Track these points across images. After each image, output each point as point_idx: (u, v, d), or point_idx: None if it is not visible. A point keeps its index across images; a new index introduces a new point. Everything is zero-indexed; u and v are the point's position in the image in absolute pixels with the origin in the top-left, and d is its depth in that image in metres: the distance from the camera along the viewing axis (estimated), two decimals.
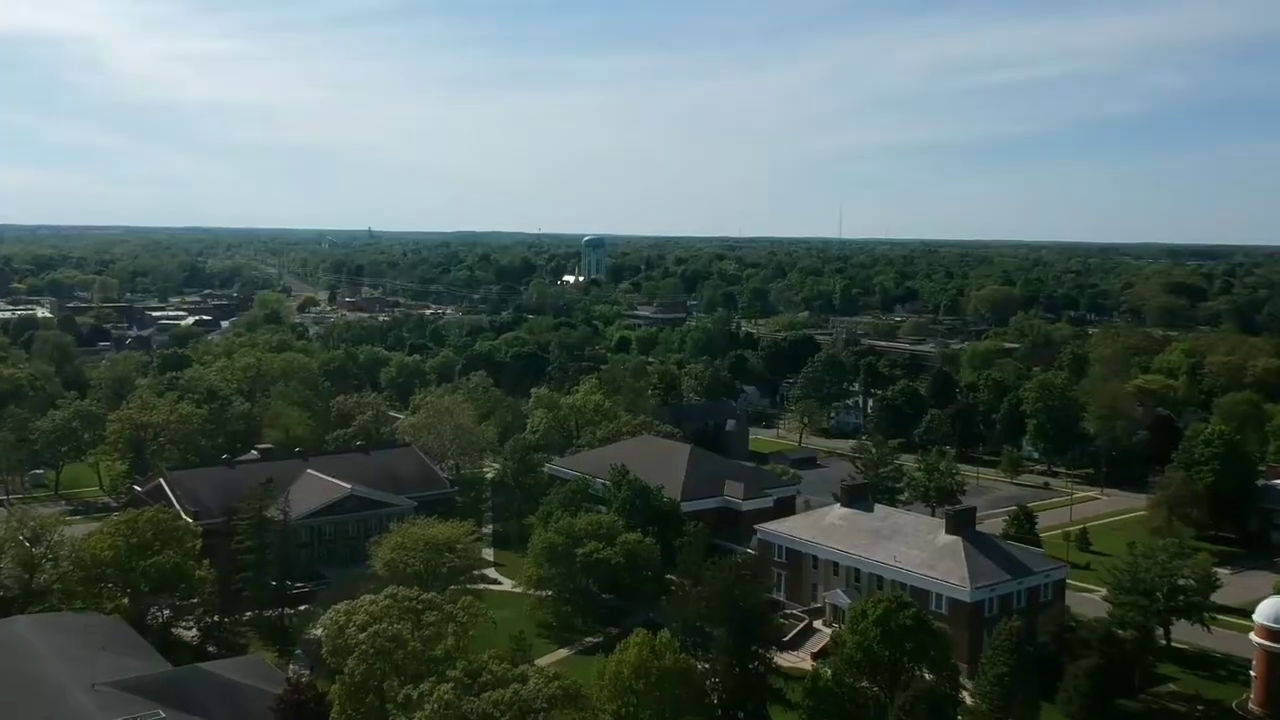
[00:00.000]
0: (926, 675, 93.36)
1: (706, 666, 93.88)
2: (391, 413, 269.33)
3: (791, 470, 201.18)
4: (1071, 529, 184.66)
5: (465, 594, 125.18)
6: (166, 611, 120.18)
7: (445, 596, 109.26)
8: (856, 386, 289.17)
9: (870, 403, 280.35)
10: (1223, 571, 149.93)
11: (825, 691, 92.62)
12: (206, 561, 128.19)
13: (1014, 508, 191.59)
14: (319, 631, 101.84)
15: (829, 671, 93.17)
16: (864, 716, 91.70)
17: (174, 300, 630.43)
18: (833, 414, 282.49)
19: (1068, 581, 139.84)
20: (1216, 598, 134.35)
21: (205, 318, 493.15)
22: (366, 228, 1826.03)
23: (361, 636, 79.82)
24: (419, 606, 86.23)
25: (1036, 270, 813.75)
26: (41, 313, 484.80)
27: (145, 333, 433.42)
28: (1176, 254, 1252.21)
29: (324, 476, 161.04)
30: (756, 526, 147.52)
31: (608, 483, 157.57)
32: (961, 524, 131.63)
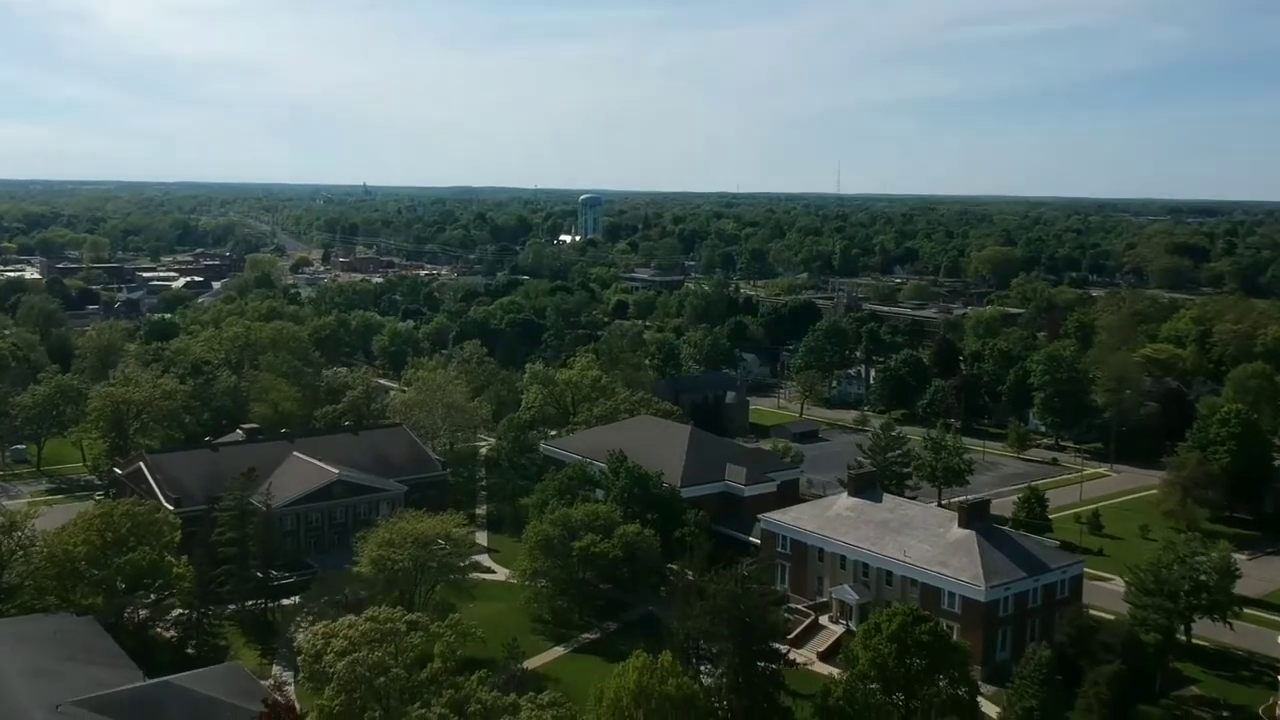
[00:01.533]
0: (944, 694, 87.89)
1: (711, 683, 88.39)
2: (383, 382, 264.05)
3: (794, 448, 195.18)
4: (1082, 510, 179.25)
5: (455, 593, 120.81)
6: (143, 612, 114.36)
7: (431, 615, 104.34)
8: (859, 354, 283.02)
9: (872, 373, 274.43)
10: (1240, 557, 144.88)
11: (837, 710, 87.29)
12: (185, 558, 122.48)
13: (1023, 487, 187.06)
14: (300, 637, 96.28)
15: (840, 688, 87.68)
16: None
17: (166, 260, 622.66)
18: (834, 384, 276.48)
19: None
20: (1235, 588, 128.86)
21: (197, 279, 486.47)
22: (361, 184, 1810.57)
23: (340, 666, 74.05)
24: (402, 628, 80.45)
25: (1037, 229, 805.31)
26: (30, 274, 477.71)
27: (135, 295, 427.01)
28: (1176, 211, 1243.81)
29: (311, 460, 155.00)
30: (760, 516, 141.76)
31: (605, 467, 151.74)
32: (975, 517, 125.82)
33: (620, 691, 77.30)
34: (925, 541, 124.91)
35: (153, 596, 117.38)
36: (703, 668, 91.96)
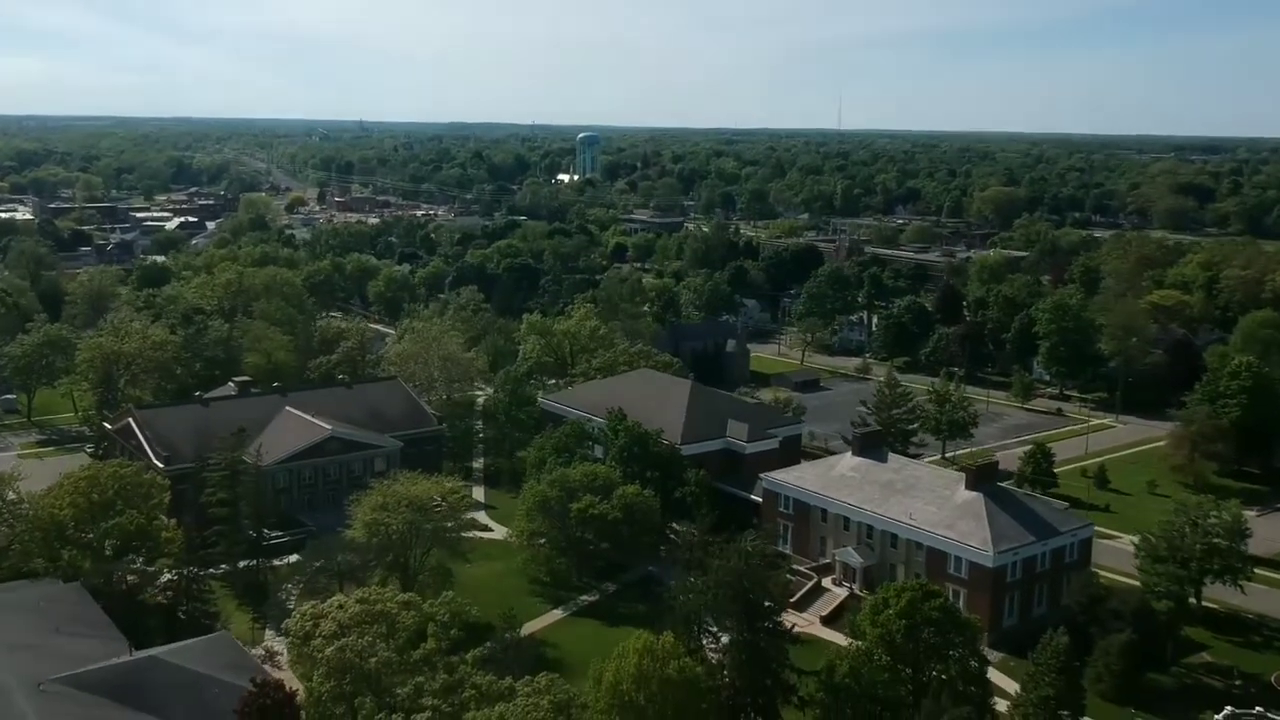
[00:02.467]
0: (954, 669, 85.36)
1: (715, 659, 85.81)
2: (379, 327, 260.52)
3: (795, 399, 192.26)
4: (1088, 463, 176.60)
5: (451, 555, 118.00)
6: (132, 578, 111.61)
7: (428, 578, 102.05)
8: (861, 299, 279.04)
9: (875, 319, 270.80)
10: (1249, 514, 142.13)
11: (843, 687, 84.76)
12: (174, 521, 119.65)
13: (1028, 439, 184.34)
14: (288, 622, 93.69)
15: (845, 665, 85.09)
16: (884, 717, 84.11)
17: (160, 199, 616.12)
18: (836, 330, 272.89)
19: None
20: (1246, 547, 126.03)
21: (191, 219, 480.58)
22: (357, 120, 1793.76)
23: (328, 652, 71.23)
24: (394, 608, 77.58)
25: (1040, 168, 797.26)
26: (22, 214, 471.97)
27: (128, 236, 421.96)
28: (1180, 149, 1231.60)
29: (303, 415, 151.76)
30: (762, 476, 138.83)
31: (604, 423, 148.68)
32: (982, 479, 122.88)
33: (620, 674, 74.63)
34: (931, 504, 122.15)
35: (141, 561, 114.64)
36: (705, 640, 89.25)
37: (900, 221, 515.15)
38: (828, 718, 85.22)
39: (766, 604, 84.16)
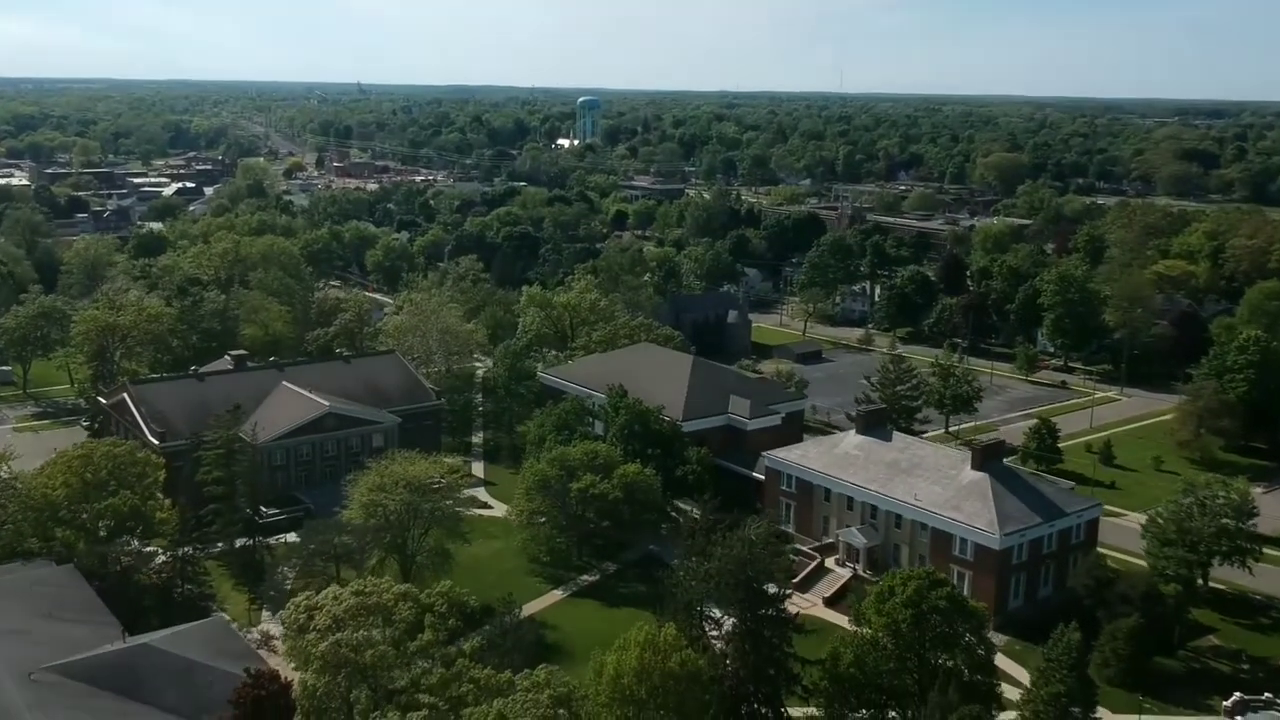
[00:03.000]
0: (960, 660, 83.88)
1: (717, 648, 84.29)
2: (377, 297, 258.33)
3: (797, 373, 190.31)
4: (1093, 438, 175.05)
5: (450, 535, 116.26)
6: (126, 559, 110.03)
7: (427, 558, 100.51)
8: (863, 268, 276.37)
9: (877, 289, 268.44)
10: (1256, 490, 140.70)
11: (848, 676, 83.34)
12: (169, 502, 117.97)
13: (1032, 415, 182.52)
14: (281, 614, 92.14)
15: (850, 654, 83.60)
16: (891, 708, 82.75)
17: (157, 164, 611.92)
18: (838, 300, 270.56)
19: None
20: (1252, 524, 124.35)
21: (189, 185, 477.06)
22: (356, 82, 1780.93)
23: (322, 647, 69.62)
24: (390, 600, 75.94)
25: (1043, 133, 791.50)
26: (18, 180, 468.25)
27: (125, 203, 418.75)
28: (1184, 113, 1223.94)
29: (300, 390, 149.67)
30: (765, 454, 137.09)
31: (605, 399, 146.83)
32: (988, 459, 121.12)
33: (621, 668, 73.07)
34: (936, 484, 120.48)
35: (135, 543, 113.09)
36: (706, 626, 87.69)
37: (903, 188, 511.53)
38: (832, 707, 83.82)
39: (770, 592, 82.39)
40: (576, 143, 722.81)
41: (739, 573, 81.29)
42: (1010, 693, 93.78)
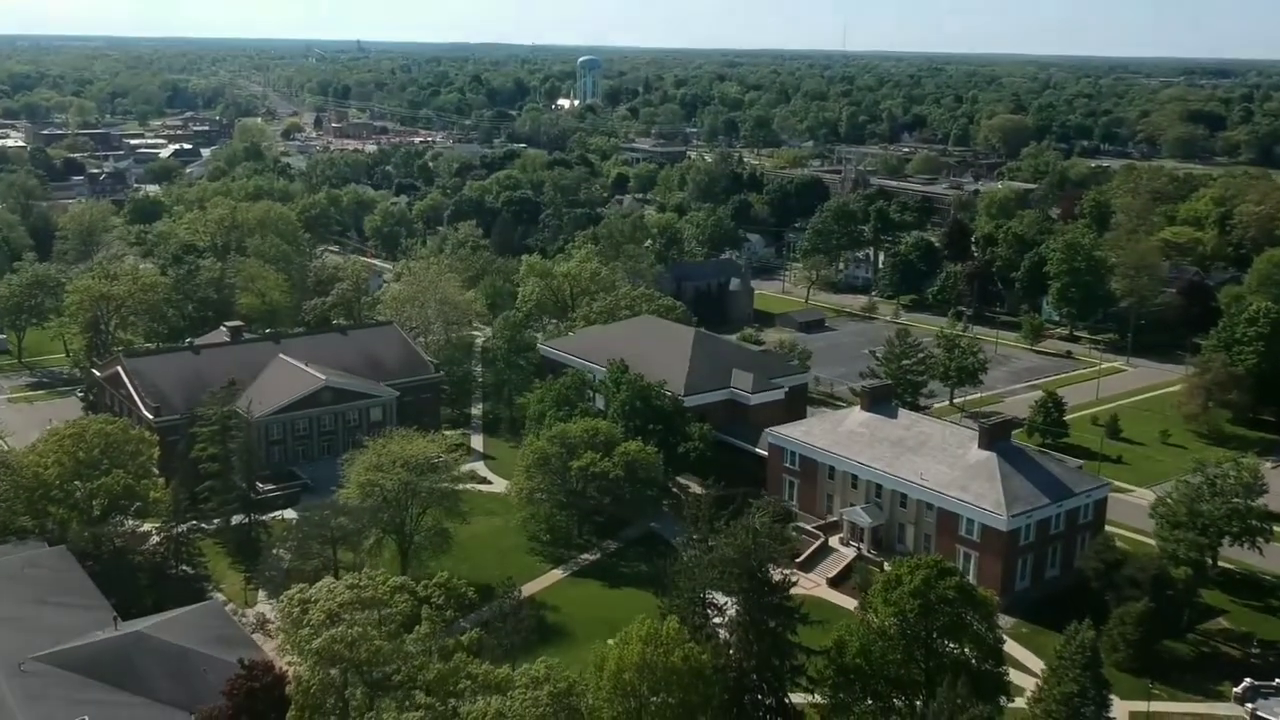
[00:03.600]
0: (967, 651, 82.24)
1: (720, 637, 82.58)
2: (375, 262, 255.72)
3: (800, 343, 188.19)
4: (1099, 410, 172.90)
5: (449, 514, 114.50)
6: (119, 540, 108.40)
7: (425, 538, 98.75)
8: (867, 234, 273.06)
9: (881, 256, 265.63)
10: (1265, 465, 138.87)
11: (852, 668, 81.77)
12: (162, 481, 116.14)
13: (1037, 386, 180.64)
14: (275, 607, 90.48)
15: (856, 644, 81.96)
16: (898, 698, 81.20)
17: (154, 125, 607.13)
18: (841, 267, 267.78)
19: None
20: (1263, 503, 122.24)
21: (185, 146, 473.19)
22: (355, 40, 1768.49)
23: (317, 643, 67.91)
24: (386, 593, 74.16)
25: (1047, 94, 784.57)
26: (14, 141, 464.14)
27: (122, 165, 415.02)
28: (1190, 73, 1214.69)
29: (297, 364, 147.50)
30: (768, 430, 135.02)
31: (605, 373, 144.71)
32: (996, 437, 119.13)
33: (623, 663, 71.39)
34: (943, 463, 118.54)
35: (129, 522, 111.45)
36: (710, 612, 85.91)
37: (906, 150, 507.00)
38: (837, 698, 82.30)
39: (775, 580, 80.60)
40: (577, 103, 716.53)
41: (743, 562, 79.43)
42: (1017, 677, 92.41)
